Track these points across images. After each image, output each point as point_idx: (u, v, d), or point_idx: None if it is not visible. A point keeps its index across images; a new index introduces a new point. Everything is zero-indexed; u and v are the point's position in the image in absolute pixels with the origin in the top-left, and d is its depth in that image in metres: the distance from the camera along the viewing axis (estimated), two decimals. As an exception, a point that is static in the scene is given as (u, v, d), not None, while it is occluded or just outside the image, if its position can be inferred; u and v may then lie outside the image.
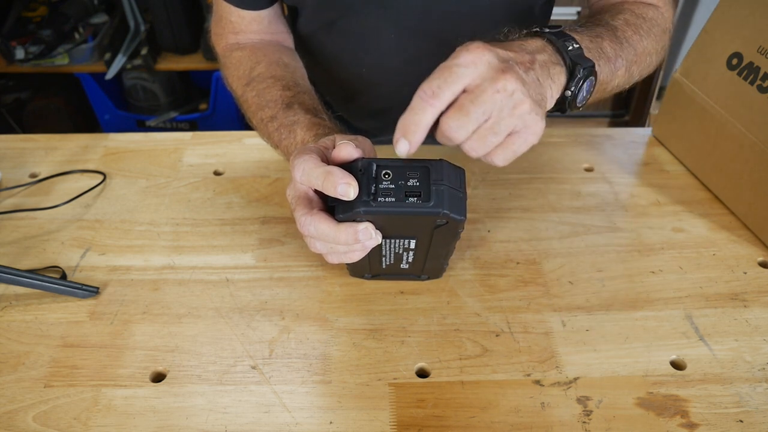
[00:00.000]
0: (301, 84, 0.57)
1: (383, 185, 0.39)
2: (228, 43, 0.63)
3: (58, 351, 0.52)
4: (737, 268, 0.61)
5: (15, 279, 0.54)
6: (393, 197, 0.39)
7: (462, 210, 0.41)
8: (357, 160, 0.40)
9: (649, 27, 0.58)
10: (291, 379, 0.50)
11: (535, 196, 0.69)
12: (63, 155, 0.75)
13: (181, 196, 0.69)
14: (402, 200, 0.39)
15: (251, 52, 0.61)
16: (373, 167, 0.40)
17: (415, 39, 0.63)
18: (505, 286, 0.58)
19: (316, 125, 0.50)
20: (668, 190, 0.70)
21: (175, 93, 1.89)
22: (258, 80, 0.58)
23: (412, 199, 0.39)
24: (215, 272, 0.60)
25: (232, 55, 0.62)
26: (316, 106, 0.54)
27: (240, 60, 0.61)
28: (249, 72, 0.59)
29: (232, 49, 0.62)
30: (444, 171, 0.40)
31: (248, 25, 0.62)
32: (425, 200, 0.39)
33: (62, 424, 0.46)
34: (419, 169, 0.39)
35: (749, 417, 0.47)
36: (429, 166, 0.39)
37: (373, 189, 0.39)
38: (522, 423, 0.47)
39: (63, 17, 1.72)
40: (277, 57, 0.60)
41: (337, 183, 0.38)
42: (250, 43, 0.62)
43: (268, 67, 0.58)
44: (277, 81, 0.57)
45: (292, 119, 0.52)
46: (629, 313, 0.56)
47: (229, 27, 0.62)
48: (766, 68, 0.61)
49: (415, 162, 0.40)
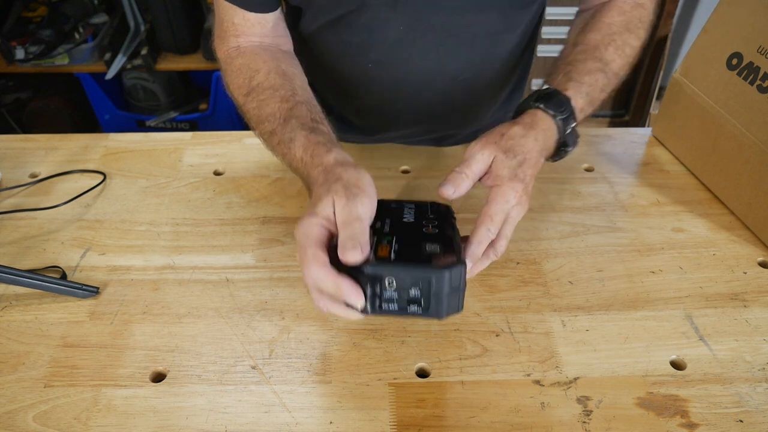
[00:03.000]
0: (299, 93, 0.57)
1: (387, 294, 0.43)
2: (229, 47, 0.62)
3: (58, 351, 0.52)
4: (737, 268, 0.61)
5: (15, 279, 0.54)
6: (396, 305, 0.43)
7: (459, 305, 0.44)
8: (365, 265, 0.42)
9: (634, 39, 0.62)
10: (291, 379, 0.50)
11: (535, 196, 0.69)
12: (63, 155, 0.75)
13: (181, 196, 0.69)
14: (404, 308, 0.43)
15: (251, 59, 0.60)
16: (380, 276, 0.42)
17: (422, 31, 0.64)
18: (505, 286, 0.58)
19: (313, 144, 0.51)
20: (668, 190, 0.70)
21: (175, 93, 1.89)
22: (257, 90, 0.58)
23: (413, 307, 0.43)
24: (215, 272, 0.60)
25: (233, 62, 0.61)
26: (314, 117, 0.54)
27: (240, 68, 0.60)
28: (249, 81, 0.59)
29: (233, 55, 0.62)
30: (445, 280, 0.42)
31: (251, 28, 0.62)
32: (425, 309, 0.43)
33: (62, 424, 0.46)
34: (421, 279, 0.42)
35: (749, 417, 0.47)
36: (432, 278, 0.42)
37: (378, 294, 0.42)
38: (522, 423, 0.47)
39: (63, 17, 1.72)
40: (276, 64, 0.60)
41: (346, 298, 0.42)
42: (250, 47, 0.62)
43: (267, 76, 0.58)
44: (276, 92, 0.57)
45: (289, 136, 0.53)
46: (629, 313, 0.56)
47: (231, 30, 0.62)
48: (766, 68, 0.61)
49: (418, 271, 0.42)
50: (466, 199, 0.68)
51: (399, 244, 0.45)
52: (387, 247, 0.44)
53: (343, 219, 0.43)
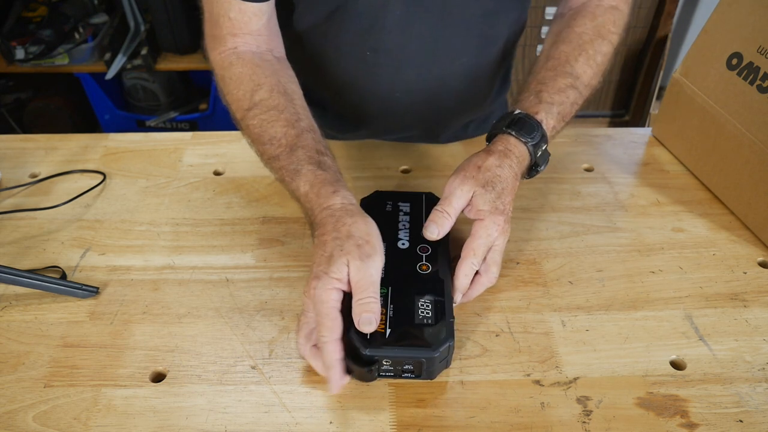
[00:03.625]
0: (303, 119, 0.57)
1: (383, 366, 0.48)
2: (226, 48, 0.61)
3: (58, 351, 0.52)
4: (737, 268, 0.61)
5: (15, 279, 0.54)
6: (391, 374, 0.49)
7: (448, 364, 0.50)
8: (363, 349, 0.47)
9: (606, 45, 0.63)
10: (291, 379, 0.50)
11: (535, 196, 0.69)
12: (63, 155, 0.75)
13: (181, 196, 0.69)
14: (399, 375, 0.49)
15: (252, 70, 0.59)
16: (377, 358, 0.47)
17: (420, 14, 0.64)
18: (505, 286, 0.58)
19: (320, 182, 0.52)
20: (668, 190, 0.70)
21: (175, 93, 1.89)
22: (260, 107, 0.57)
23: (408, 374, 0.49)
24: (215, 272, 0.60)
25: (231, 69, 0.60)
26: (319, 149, 0.55)
27: (240, 78, 0.59)
28: (250, 95, 0.58)
29: (231, 59, 0.60)
30: (436, 358, 0.47)
31: (248, 22, 0.60)
32: (417, 376, 0.49)
33: (62, 424, 0.46)
34: (414, 360, 0.47)
35: (749, 417, 0.47)
36: (423, 359, 0.47)
37: (374, 368, 0.47)
38: (522, 423, 0.47)
39: (63, 17, 1.72)
40: (277, 80, 0.59)
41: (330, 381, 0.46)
42: (249, 55, 0.61)
43: (270, 93, 0.57)
44: (280, 114, 0.56)
45: (295, 167, 0.53)
46: (629, 313, 0.56)
47: (227, 26, 0.61)
48: (766, 68, 0.61)
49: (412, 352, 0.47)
50: (466, 199, 0.68)
51: (393, 308, 0.49)
52: (382, 317, 0.48)
53: (358, 282, 0.46)
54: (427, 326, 0.48)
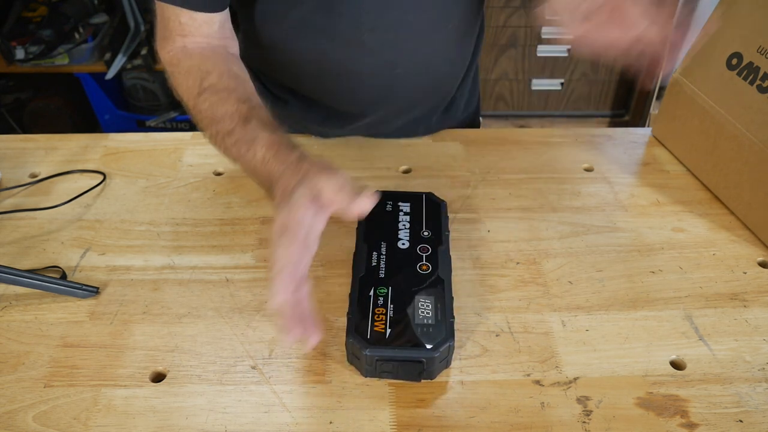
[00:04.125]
0: (253, 99, 0.56)
1: (384, 366, 0.48)
2: (174, 46, 0.60)
3: (58, 351, 0.52)
4: (737, 268, 0.61)
5: (15, 279, 0.54)
6: (391, 374, 0.49)
7: (448, 363, 0.50)
8: (364, 349, 0.47)
9: None
10: (291, 379, 0.50)
11: (535, 196, 0.69)
12: (63, 155, 0.75)
13: (181, 196, 0.69)
14: (399, 376, 0.49)
15: (200, 61, 0.59)
16: (377, 357, 0.47)
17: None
18: (505, 286, 0.58)
19: (277, 143, 0.51)
20: (668, 190, 0.70)
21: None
22: (210, 91, 0.56)
23: (408, 375, 0.49)
24: (215, 272, 0.60)
25: (180, 64, 0.59)
26: (272, 121, 0.54)
27: (189, 70, 0.59)
28: (200, 82, 0.57)
29: (179, 56, 0.59)
30: (436, 359, 0.48)
31: (198, 28, 0.60)
32: (418, 377, 0.49)
33: (62, 424, 0.46)
34: (414, 360, 0.47)
35: (749, 417, 0.47)
36: (424, 360, 0.47)
37: (375, 367, 0.48)
38: (522, 423, 0.47)
39: (63, 17, 1.72)
40: (227, 67, 0.58)
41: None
42: (198, 49, 0.60)
43: (219, 78, 0.57)
44: (231, 93, 0.55)
45: (251, 135, 0.52)
46: (629, 313, 0.56)
47: (177, 29, 0.60)
48: (766, 68, 0.61)
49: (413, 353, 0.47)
50: (466, 199, 0.69)
51: (394, 308, 0.50)
52: (383, 317, 0.49)
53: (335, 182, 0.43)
54: (427, 326, 0.48)
